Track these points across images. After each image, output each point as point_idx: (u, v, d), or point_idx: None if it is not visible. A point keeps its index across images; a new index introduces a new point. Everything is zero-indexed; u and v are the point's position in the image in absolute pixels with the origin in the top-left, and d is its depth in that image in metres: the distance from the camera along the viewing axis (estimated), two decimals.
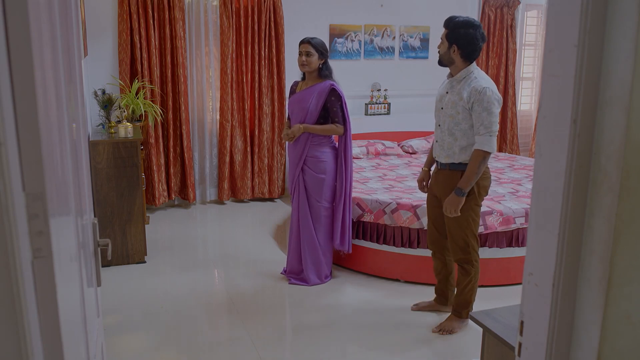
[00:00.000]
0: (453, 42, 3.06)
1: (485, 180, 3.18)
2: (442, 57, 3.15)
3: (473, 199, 3.14)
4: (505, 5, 6.74)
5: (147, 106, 4.85)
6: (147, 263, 4.32)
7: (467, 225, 3.17)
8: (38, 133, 0.84)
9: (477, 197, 3.15)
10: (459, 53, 3.07)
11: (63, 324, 0.94)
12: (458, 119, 3.08)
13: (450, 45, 3.08)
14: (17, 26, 0.80)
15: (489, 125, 3.00)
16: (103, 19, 5.28)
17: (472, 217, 3.17)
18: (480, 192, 3.15)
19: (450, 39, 3.07)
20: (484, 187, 3.18)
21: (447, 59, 3.12)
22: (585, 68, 1.03)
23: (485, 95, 2.99)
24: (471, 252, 3.21)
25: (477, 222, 3.22)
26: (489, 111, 2.99)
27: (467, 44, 3.04)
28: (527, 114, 7.46)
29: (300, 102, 3.83)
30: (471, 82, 3.06)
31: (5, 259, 0.78)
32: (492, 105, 2.99)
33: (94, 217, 1.69)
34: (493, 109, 3.00)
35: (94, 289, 1.63)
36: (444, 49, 3.12)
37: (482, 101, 2.99)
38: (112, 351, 3.08)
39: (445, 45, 3.10)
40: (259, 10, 5.67)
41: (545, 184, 1.14)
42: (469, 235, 3.19)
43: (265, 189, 6.00)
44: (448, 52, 3.10)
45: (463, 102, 3.05)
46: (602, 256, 1.05)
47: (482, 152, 3.02)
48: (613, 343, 1.06)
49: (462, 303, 3.32)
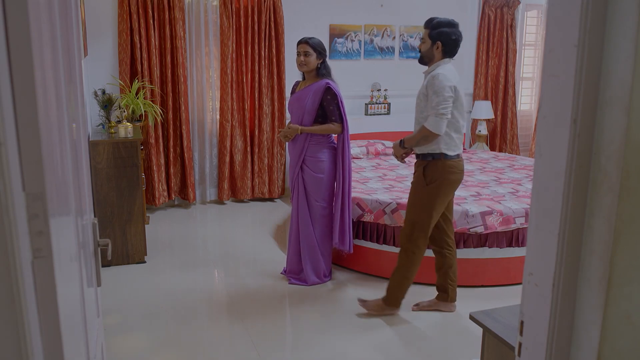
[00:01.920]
0: (437, 40, 3.24)
1: (452, 174, 3.26)
2: (424, 55, 3.32)
3: (433, 188, 3.26)
4: (505, 5, 6.74)
5: (147, 106, 4.85)
6: (147, 263, 4.32)
7: (422, 211, 3.29)
8: (38, 133, 0.84)
9: (437, 186, 3.25)
10: (442, 50, 3.25)
11: (63, 323, 0.94)
12: (421, 107, 3.28)
13: (434, 43, 3.25)
14: (17, 26, 0.80)
15: (436, 106, 3.15)
16: (103, 19, 5.28)
17: (428, 204, 3.28)
18: (443, 184, 3.25)
19: (433, 37, 3.25)
20: (449, 180, 3.26)
21: (429, 55, 3.30)
22: (585, 68, 1.03)
23: (437, 79, 3.16)
24: (411, 242, 3.34)
25: (434, 218, 3.31)
26: (437, 94, 3.15)
27: (450, 41, 3.23)
28: (527, 114, 7.47)
29: (298, 101, 3.85)
30: (433, 71, 3.24)
31: (5, 259, 0.78)
32: (442, 89, 3.14)
33: (94, 217, 1.69)
34: (442, 92, 3.14)
35: (94, 289, 1.63)
36: (427, 47, 3.29)
37: (433, 85, 3.17)
38: (112, 351, 3.08)
39: (428, 43, 3.28)
40: (259, 10, 5.67)
41: (545, 184, 1.14)
42: (415, 224, 3.32)
43: (265, 189, 6.00)
44: (431, 49, 3.28)
45: (424, 89, 3.25)
46: (602, 256, 1.05)
47: (424, 129, 3.18)
48: (613, 343, 1.06)
49: (389, 289, 3.47)
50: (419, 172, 3.31)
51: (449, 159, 3.24)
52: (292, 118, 3.92)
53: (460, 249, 3.89)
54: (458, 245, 3.89)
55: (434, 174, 3.25)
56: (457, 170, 3.28)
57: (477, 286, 3.94)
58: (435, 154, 3.24)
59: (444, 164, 3.24)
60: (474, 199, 4.14)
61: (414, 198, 3.34)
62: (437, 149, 3.23)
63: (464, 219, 3.82)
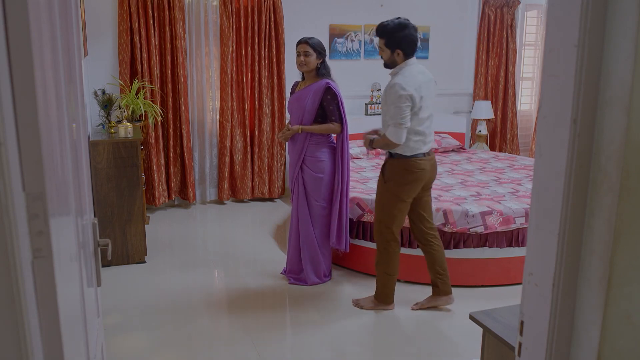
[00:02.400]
0: (396, 48, 3.29)
1: (410, 173, 3.33)
2: (387, 62, 3.38)
3: (392, 186, 3.37)
4: (505, 5, 6.73)
5: (147, 106, 4.85)
6: (147, 263, 4.32)
7: (382, 208, 3.44)
8: (38, 133, 0.84)
9: (394, 185, 3.36)
10: (402, 55, 3.30)
11: (63, 323, 0.94)
12: (384, 111, 3.38)
13: (394, 51, 3.30)
14: (17, 26, 0.80)
15: (394, 117, 3.24)
16: (103, 19, 5.28)
17: (387, 202, 3.40)
18: (398, 182, 3.35)
19: (390, 45, 3.29)
20: (406, 179, 3.34)
21: (392, 62, 3.35)
22: (585, 68, 1.03)
23: (393, 90, 3.24)
24: (382, 239, 3.46)
25: (395, 214, 3.40)
26: (394, 104, 3.23)
27: (408, 44, 3.29)
28: (527, 114, 7.46)
29: (298, 102, 3.85)
30: (394, 78, 3.30)
31: (5, 259, 0.78)
32: (398, 100, 3.21)
33: (94, 217, 1.69)
34: (398, 103, 3.21)
35: (94, 289, 1.63)
36: (387, 56, 3.34)
37: (390, 95, 3.26)
38: (112, 351, 3.08)
39: (388, 52, 3.32)
40: (259, 10, 5.67)
41: (545, 184, 1.14)
42: (382, 221, 3.44)
43: (265, 189, 6.00)
44: (392, 57, 3.33)
45: (384, 95, 3.37)
46: (602, 256, 1.05)
47: (386, 138, 3.29)
48: (613, 343, 1.06)
49: (377, 286, 3.58)
50: (381, 169, 3.47)
51: (406, 158, 3.33)
52: (292, 118, 3.92)
53: (460, 249, 3.89)
54: (458, 245, 3.89)
55: (391, 172, 3.37)
56: (416, 169, 3.34)
57: (477, 286, 3.94)
58: (393, 153, 3.36)
59: (400, 163, 3.33)
60: (474, 199, 4.14)
61: (378, 196, 3.50)
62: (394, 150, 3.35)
63: (464, 219, 3.82)
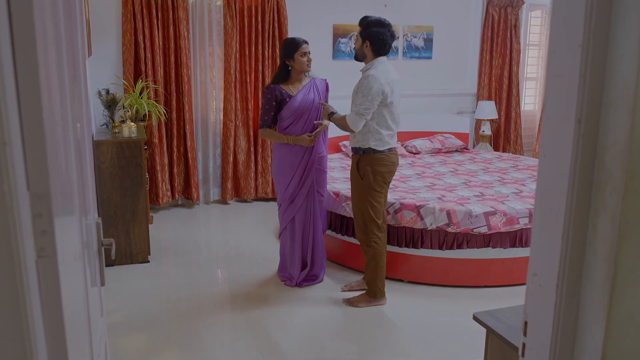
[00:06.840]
0: (366, 39, 3.41)
1: (382, 166, 3.47)
2: (357, 53, 3.50)
3: (366, 180, 3.47)
4: (509, 5, 6.72)
5: (150, 106, 4.86)
6: (150, 263, 4.33)
7: (362, 204, 3.51)
8: (42, 132, 0.85)
9: (370, 180, 3.46)
10: (370, 48, 3.41)
11: (67, 323, 0.94)
12: (353, 100, 3.45)
13: (364, 42, 3.42)
14: (22, 26, 0.81)
15: (359, 105, 3.34)
16: (107, 19, 5.29)
17: (365, 197, 3.49)
18: (374, 176, 3.45)
19: (363, 36, 3.43)
20: (379, 172, 3.46)
21: (361, 54, 3.47)
22: (589, 68, 1.03)
23: (367, 80, 3.33)
24: (369, 233, 3.54)
25: (377, 207, 3.52)
26: (363, 94, 3.33)
27: (377, 41, 3.39)
28: (531, 114, 7.45)
29: (307, 102, 3.73)
30: (367, 71, 3.39)
31: (9, 258, 0.78)
32: (369, 91, 3.30)
33: (97, 216, 1.69)
34: (369, 93, 3.31)
35: (98, 288, 1.63)
36: (358, 45, 3.47)
37: (363, 85, 3.35)
38: (115, 350, 3.09)
39: (359, 42, 3.46)
40: (263, 10, 5.67)
41: (549, 184, 1.14)
42: (365, 217, 3.53)
43: (268, 188, 6.00)
44: (362, 48, 3.45)
45: (356, 87, 3.43)
46: (606, 256, 1.05)
47: (344, 121, 3.41)
48: (617, 344, 1.05)
49: (368, 283, 3.67)
50: (353, 167, 3.53)
51: (377, 153, 3.45)
52: (300, 120, 3.74)
53: (464, 250, 3.89)
54: (461, 245, 3.88)
55: (365, 167, 3.46)
56: (387, 163, 3.49)
57: (481, 286, 3.93)
58: (365, 148, 3.46)
59: (372, 158, 3.45)
60: (477, 199, 4.14)
61: (354, 191, 3.56)
62: (366, 145, 3.44)
63: (468, 219, 3.81)
